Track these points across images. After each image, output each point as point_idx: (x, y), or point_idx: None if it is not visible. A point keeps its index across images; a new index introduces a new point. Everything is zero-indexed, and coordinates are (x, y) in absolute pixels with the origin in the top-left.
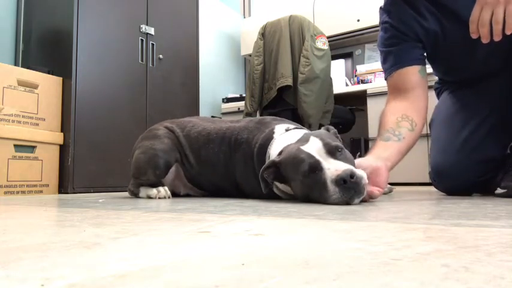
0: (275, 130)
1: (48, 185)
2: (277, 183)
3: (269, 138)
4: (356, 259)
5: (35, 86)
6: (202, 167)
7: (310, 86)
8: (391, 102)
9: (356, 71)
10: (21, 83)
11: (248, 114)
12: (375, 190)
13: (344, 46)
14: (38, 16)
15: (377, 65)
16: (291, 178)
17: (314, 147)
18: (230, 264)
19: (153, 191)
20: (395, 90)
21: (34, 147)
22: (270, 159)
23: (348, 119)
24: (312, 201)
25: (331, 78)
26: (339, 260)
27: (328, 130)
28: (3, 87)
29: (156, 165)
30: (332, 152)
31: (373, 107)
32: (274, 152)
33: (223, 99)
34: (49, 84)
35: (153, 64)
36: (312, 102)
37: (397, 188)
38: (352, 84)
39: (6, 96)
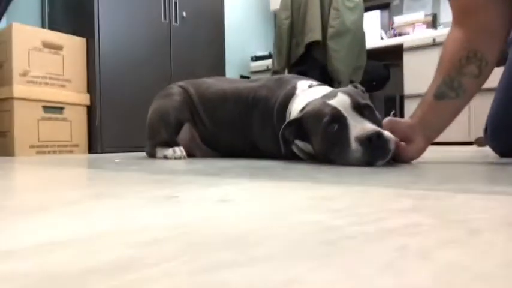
0: (297, 86)
1: (78, 145)
2: (298, 142)
3: (290, 95)
4: (304, 235)
5: (60, 48)
6: (218, 127)
7: (340, 40)
8: (455, 31)
9: (393, 23)
10: (46, 45)
11: (275, 73)
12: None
13: None
14: None
15: (417, 16)
16: (312, 133)
17: (341, 102)
18: (146, 239)
19: (169, 151)
20: (461, 14)
21: (62, 108)
22: (292, 116)
23: (382, 76)
24: (331, 161)
25: (363, 32)
26: (283, 236)
27: (355, 87)
28: (29, 49)
29: (168, 123)
30: (360, 110)
31: (410, 62)
32: (296, 108)
33: (252, 57)
34: (73, 45)
35: (176, 22)
36: (342, 57)
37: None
38: (388, 38)
39: (32, 58)
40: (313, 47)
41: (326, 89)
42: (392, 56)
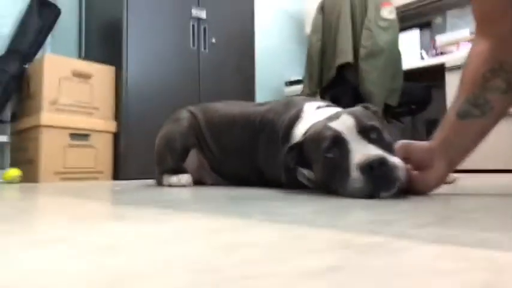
0: (304, 109)
1: (102, 172)
2: (303, 169)
3: (296, 118)
4: None
5: (89, 76)
6: (224, 154)
7: (373, 61)
8: (478, 44)
9: (435, 42)
10: (75, 74)
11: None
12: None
13: (420, 15)
14: (96, 10)
15: (461, 33)
16: (313, 159)
17: (344, 124)
18: None
19: (174, 179)
20: (484, 23)
21: (88, 135)
22: (295, 140)
23: (422, 98)
24: (332, 191)
25: (399, 52)
26: None
27: (366, 108)
28: (59, 79)
29: (173, 149)
30: (365, 132)
31: (453, 83)
32: (299, 131)
33: (286, 82)
34: (102, 74)
35: (205, 48)
36: (375, 79)
37: (464, 177)
38: (430, 58)
39: (62, 87)
40: (345, 69)
41: (335, 110)
42: (433, 76)
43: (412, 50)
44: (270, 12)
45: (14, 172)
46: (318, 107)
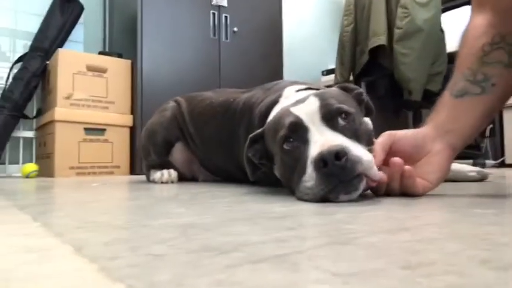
0: (283, 93)
1: (119, 167)
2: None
3: (273, 104)
4: None
5: (104, 70)
6: (207, 147)
7: (410, 42)
8: (475, 18)
9: None
10: (90, 68)
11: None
12: (416, 184)
13: None
14: (118, 4)
15: None
16: (273, 151)
17: (306, 109)
18: None
19: (157, 175)
20: None
21: (104, 130)
22: None
23: None
24: (292, 192)
25: (442, 31)
26: None
27: (346, 89)
28: (73, 74)
29: (154, 142)
30: (331, 118)
31: None
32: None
33: (322, 71)
34: (118, 68)
35: (227, 38)
36: (413, 62)
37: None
38: None
39: (77, 82)
40: (379, 53)
41: (311, 92)
42: None
43: (461, 30)
44: None
45: (30, 167)
46: (298, 90)
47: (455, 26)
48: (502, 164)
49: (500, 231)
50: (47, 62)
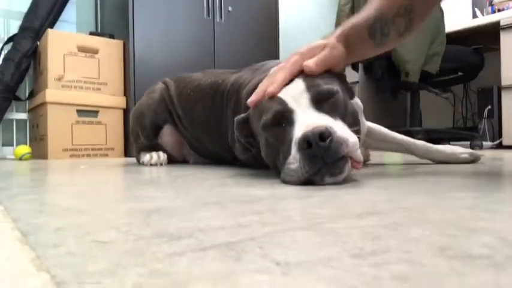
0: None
1: (113, 149)
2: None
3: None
4: None
5: (95, 51)
6: (196, 129)
7: None
8: None
9: None
10: (81, 49)
11: None
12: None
13: None
14: None
15: None
16: (258, 134)
17: (292, 90)
18: None
19: (146, 157)
20: None
21: (97, 112)
22: None
23: (471, 63)
24: (278, 174)
25: (440, 11)
26: None
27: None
28: (64, 55)
29: (143, 125)
30: (319, 99)
31: (509, 44)
32: None
33: None
34: (109, 48)
35: (221, 18)
36: (410, 44)
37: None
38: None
39: (67, 63)
40: None
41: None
42: (487, 38)
43: (462, 8)
44: None
45: (22, 149)
46: None
47: (454, 5)
48: (500, 146)
49: (472, 216)
50: (38, 43)
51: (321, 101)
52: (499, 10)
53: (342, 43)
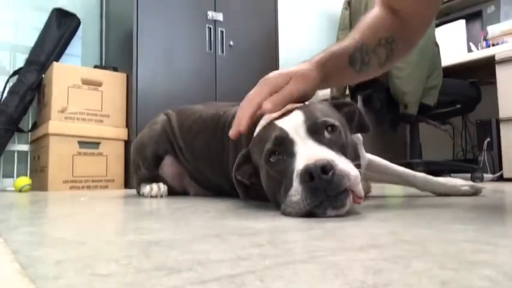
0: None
1: (113, 180)
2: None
3: (259, 117)
4: None
5: (99, 84)
6: (197, 161)
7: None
8: (381, 10)
9: (487, 33)
10: (85, 82)
11: (333, 99)
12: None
13: (469, 5)
14: (114, 18)
15: None
16: (259, 166)
17: (291, 121)
18: None
19: (146, 189)
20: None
21: (98, 143)
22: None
23: (468, 96)
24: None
25: (436, 45)
26: None
27: (337, 106)
28: (68, 87)
29: (144, 156)
30: (316, 131)
31: (505, 77)
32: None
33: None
34: (113, 81)
35: (222, 52)
36: (408, 76)
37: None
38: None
39: (71, 96)
40: None
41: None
42: (483, 72)
43: (457, 43)
44: (298, 12)
45: (22, 181)
46: None
47: (450, 40)
48: (501, 178)
49: (474, 249)
50: (43, 76)
51: (320, 133)
52: (493, 44)
53: (317, 69)
